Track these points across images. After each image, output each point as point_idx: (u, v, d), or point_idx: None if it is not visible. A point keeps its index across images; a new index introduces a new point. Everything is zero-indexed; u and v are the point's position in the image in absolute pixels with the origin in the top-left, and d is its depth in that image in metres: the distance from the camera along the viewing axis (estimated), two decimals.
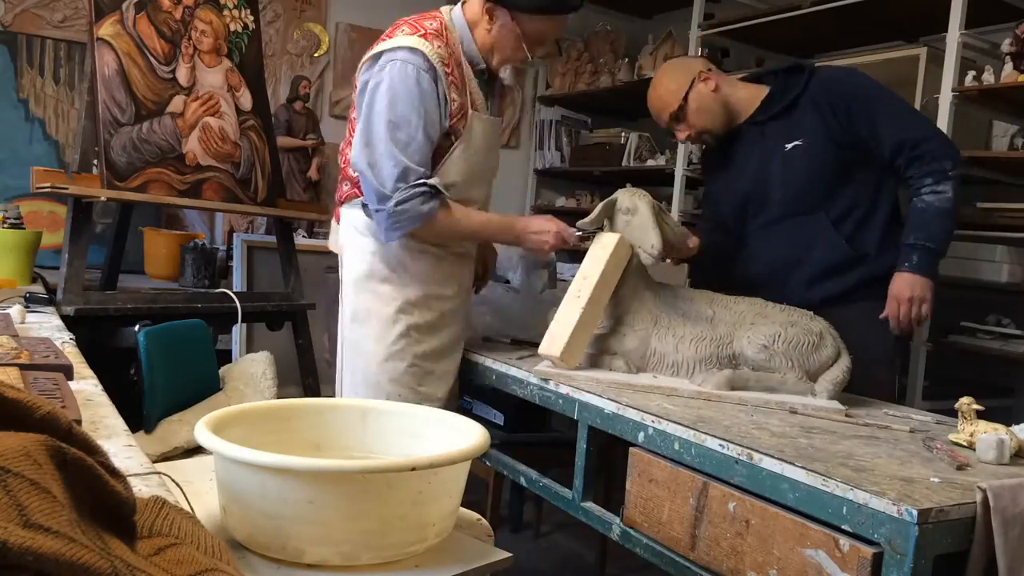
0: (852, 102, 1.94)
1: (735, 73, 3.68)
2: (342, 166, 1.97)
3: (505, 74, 1.94)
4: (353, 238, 1.93)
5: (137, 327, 1.93)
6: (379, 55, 1.79)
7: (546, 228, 1.89)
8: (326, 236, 4.02)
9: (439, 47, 1.80)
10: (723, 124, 2.07)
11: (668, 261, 2.05)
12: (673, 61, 2.19)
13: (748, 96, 2.07)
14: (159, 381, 1.90)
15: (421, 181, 1.75)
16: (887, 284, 1.89)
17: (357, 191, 1.90)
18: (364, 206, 1.87)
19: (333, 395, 2.05)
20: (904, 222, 1.94)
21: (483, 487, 2.59)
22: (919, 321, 1.87)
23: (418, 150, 1.76)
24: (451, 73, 1.82)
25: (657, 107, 2.09)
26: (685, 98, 2.02)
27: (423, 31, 1.80)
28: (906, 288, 1.84)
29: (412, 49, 1.77)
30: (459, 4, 1.92)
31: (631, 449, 1.47)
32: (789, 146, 1.98)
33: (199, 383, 2.07)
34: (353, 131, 1.88)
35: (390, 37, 1.82)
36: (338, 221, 2.01)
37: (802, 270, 1.99)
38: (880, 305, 1.89)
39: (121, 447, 1.08)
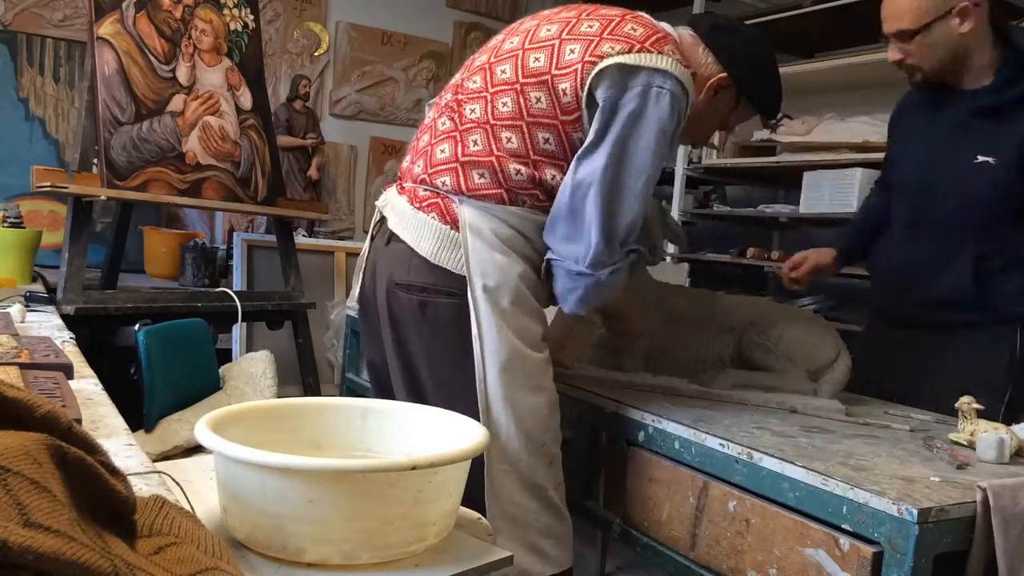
0: None
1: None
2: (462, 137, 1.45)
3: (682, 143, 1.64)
4: (488, 253, 1.41)
5: (137, 326, 1.93)
6: (638, 69, 1.34)
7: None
8: (326, 235, 4.02)
9: (687, 78, 1.40)
10: (943, 73, 1.72)
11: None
12: None
13: (986, 63, 1.70)
14: (159, 380, 1.90)
15: (634, 246, 1.44)
16: (1008, 321, 1.72)
17: (502, 193, 1.41)
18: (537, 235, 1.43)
19: (333, 395, 2.04)
20: None
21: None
22: None
23: (634, 222, 1.40)
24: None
25: (891, 10, 1.69)
26: (928, 25, 1.64)
27: (681, 57, 1.40)
28: None
29: (683, 86, 1.37)
30: (679, 30, 1.50)
31: (631, 448, 1.47)
32: (979, 159, 1.68)
33: (199, 382, 2.07)
34: (484, 94, 1.44)
35: (640, 41, 1.36)
36: (447, 219, 1.43)
37: (918, 293, 1.79)
38: (995, 332, 1.72)
39: (121, 446, 1.08)
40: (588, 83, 1.35)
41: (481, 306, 1.41)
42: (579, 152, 1.38)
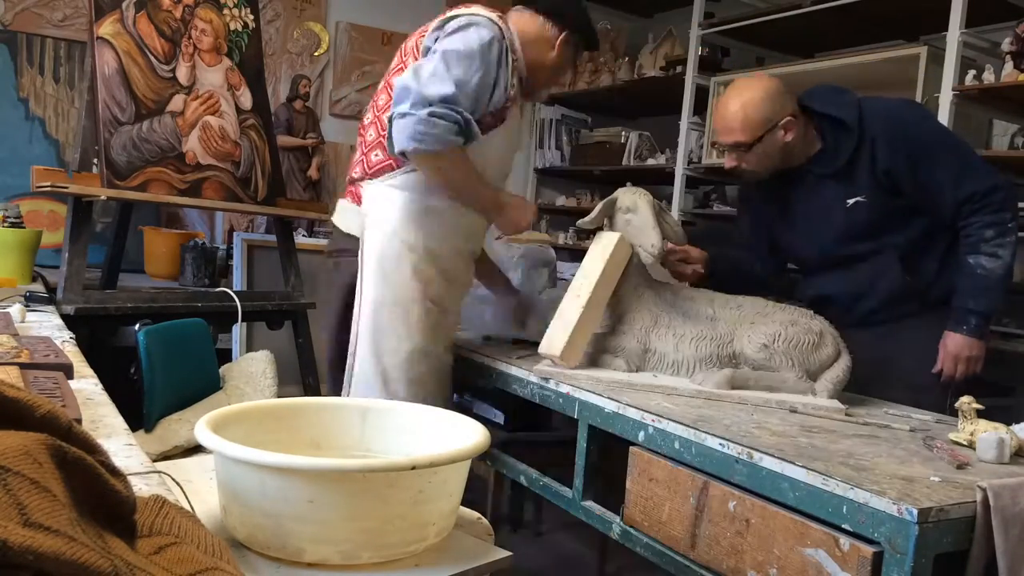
0: (914, 154, 1.84)
1: (741, 72, 3.71)
2: (364, 139, 1.95)
3: (542, 96, 2.02)
4: (383, 210, 1.85)
5: (137, 326, 1.92)
6: (455, 16, 1.79)
7: (522, 206, 1.94)
8: (326, 235, 4.02)
9: (509, 33, 1.83)
10: (774, 170, 1.96)
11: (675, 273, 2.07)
12: (768, 84, 1.90)
13: (806, 143, 1.94)
14: (159, 380, 1.90)
15: (461, 111, 1.69)
16: (944, 308, 1.89)
17: (393, 163, 1.85)
18: (392, 167, 1.86)
19: (333, 394, 2.04)
20: (957, 269, 1.88)
21: (483, 487, 2.59)
22: (974, 374, 1.89)
23: (469, 95, 1.72)
24: (516, 60, 1.85)
25: (724, 125, 1.92)
26: (760, 139, 1.88)
27: (499, 14, 1.83)
28: (964, 349, 1.85)
29: (491, 21, 1.78)
30: (512, 11, 1.93)
31: (631, 448, 1.47)
32: (851, 202, 1.91)
33: (199, 382, 2.07)
34: (378, 103, 1.92)
35: (465, 6, 1.83)
36: (357, 200, 1.92)
37: (867, 301, 1.97)
38: (935, 325, 1.90)
39: (121, 446, 1.08)
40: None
41: (364, 261, 1.85)
42: None
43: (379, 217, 1.86)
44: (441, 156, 1.71)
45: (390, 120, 1.71)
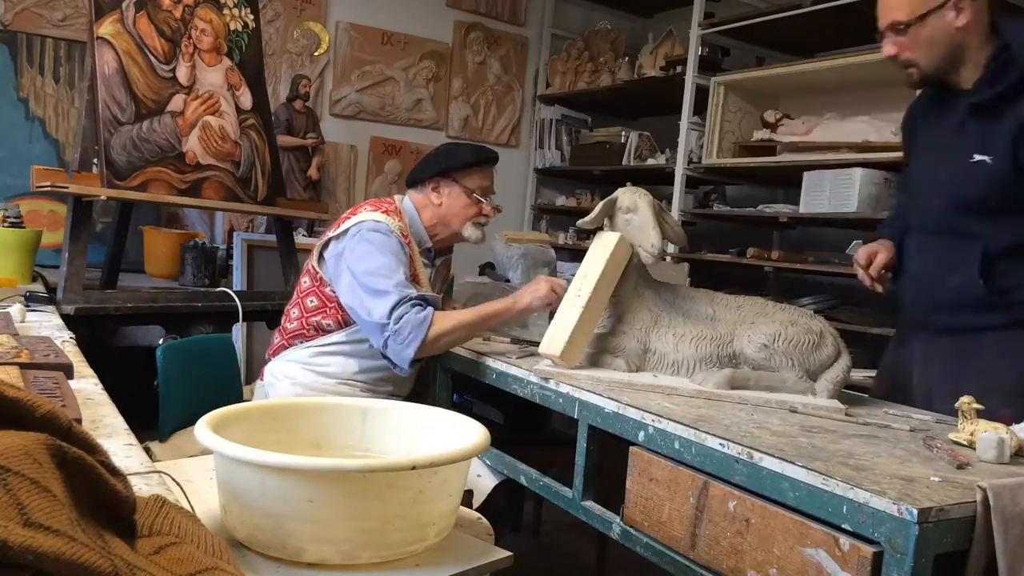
0: None
1: (741, 71, 3.72)
2: (283, 322, 2.10)
3: (468, 232, 2.11)
4: (284, 391, 2.01)
5: (161, 341, 1.96)
6: (347, 230, 1.96)
7: (540, 290, 1.94)
8: None
9: (399, 223, 2.01)
10: (940, 70, 1.69)
11: None
12: None
13: (980, 59, 1.66)
14: (175, 394, 1.93)
15: (406, 296, 1.85)
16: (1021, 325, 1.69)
17: (286, 343, 2.06)
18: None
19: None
20: None
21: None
22: None
23: (399, 283, 1.87)
24: (409, 245, 2.02)
25: (886, 3, 1.68)
26: (922, 17, 1.61)
27: (384, 208, 2.02)
28: None
29: (376, 221, 1.97)
30: (405, 196, 2.14)
31: (631, 448, 1.47)
32: (976, 158, 1.65)
33: (219, 397, 2.08)
34: (303, 295, 2.06)
35: (353, 215, 2.00)
36: (262, 379, 2.09)
37: (932, 298, 1.77)
38: (1009, 342, 1.69)
39: (121, 446, 1.08)
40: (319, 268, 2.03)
41: None
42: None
43: None
44: (434, 332, 1.85)
45: (385, 356, 1.90)
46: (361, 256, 1.91)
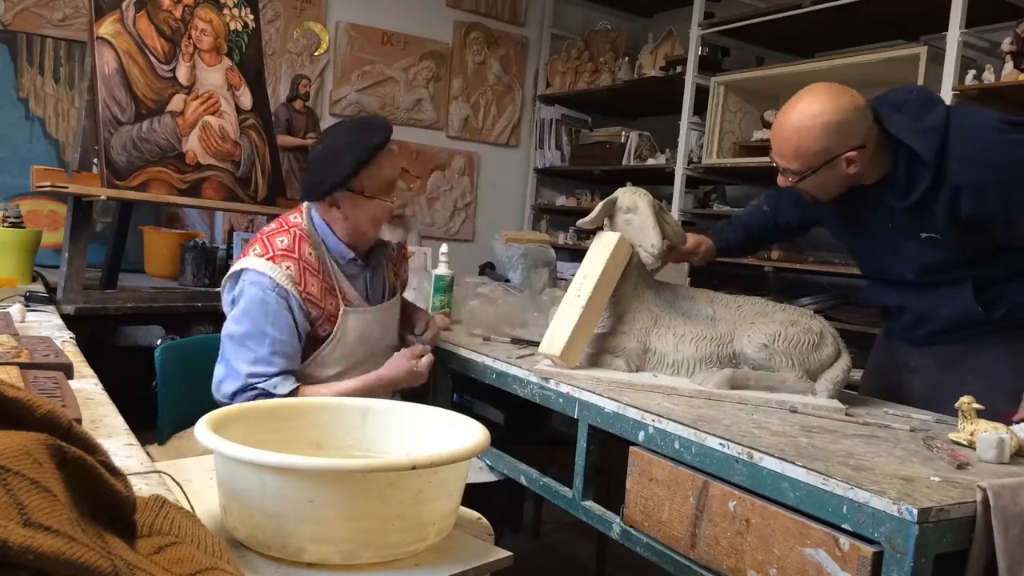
0: (1014, 202, 1.57)
1: (741, 71, 3.71)
2: None
3: (387, 234, 1.93)
4: None
5: (159, 341, 1.95)
6: (236, 275, 1.84)
7: (408, 367, 1.86)
8: None
9: (288, 267, 1.80)
10: (834, 196, 1.73)
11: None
12: (834, 109, 1.60)
13: (878, 164, 1.67)
14: (174, 396, 1.93)
15: (252, 385, 1.74)
16: (1019, 332, 1.73)
17: None
18: None
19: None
20: None
21: (483, 486, 2.59)
22: None
23: (262, 360, 1.75)
24: (306, 288, 1.81)
25: (776, 145, 1.68)
26: (816, 170, 1.63)
27: (272, 252, 1.81)
28: None
29: (258, 272, 1.79)
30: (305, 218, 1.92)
31: (631, 448, 1.47)
32: (924, 236, 1.68)
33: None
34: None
35: (245, 254, 1.85)
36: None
37: (928, 324, 1.79)
38: (1009, 350, 1.72)
39: (121, 446, 1.08)
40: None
41: None
42: None
43: None
44: None
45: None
46: (234, 315, 1.81)
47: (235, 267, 1.85)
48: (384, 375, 1.87)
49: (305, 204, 1.93)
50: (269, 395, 1.73)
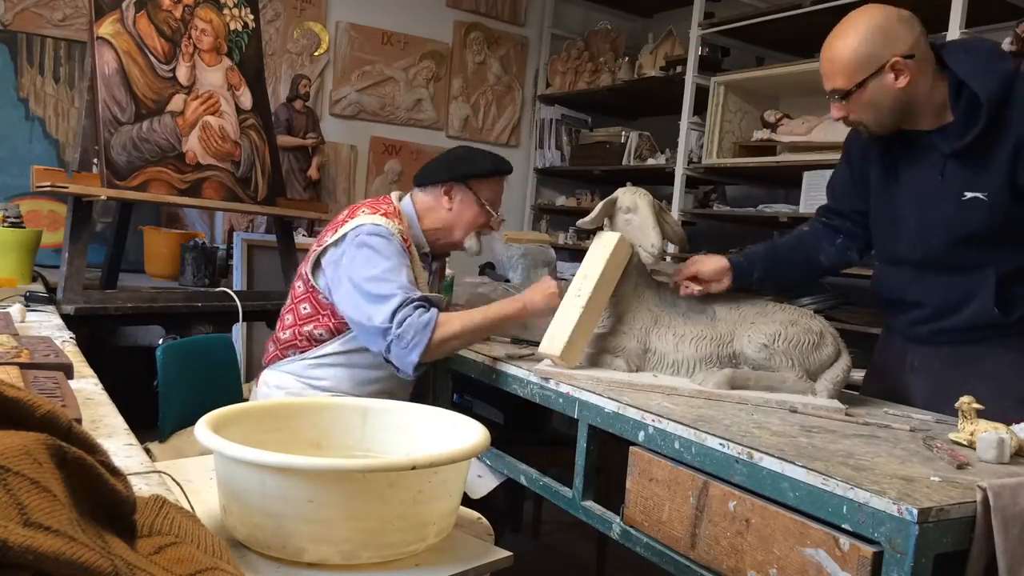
0: None
1: (741, 71, 3.71)
2: (277, 328, 2.05)
3: (471, 242, 2.05)
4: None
5: (159, 341, 1.95)
6: (344, 235, 1.89)
7: (551, 287, 1.89)
8: None
9: (397, 225, 1.93)
10: (891, 125, 1.66)
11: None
12: (879, 15, 1.59)
13: (936, 106, 1.63)
14: (175, 395, 1.93)
15: (409, 299, 1.78)
16: None
17: (280, 353, 2.00)
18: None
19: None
20: None
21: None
22: None
23: (403, 285, 1.81)
24: (408, 249, 1.94)
25: (825, 67, 1.65)
26: (862, 84, 1.59)
27: (383, 211, 1.94)
28: None
29: (375, 224, 1.89)
30: (408, 195, 2.06)
31: (631, 448, 1.47)
32: (968, 195, 1.61)
33: (219, 397, 2.09)
34: (297, 300, 1.99)
35: (351, 218, 1.92)
36: (257, 384, 2.04)
37: (947, 321, 1.72)
38: (1022, 345, 1.69)
39: (121, 446, 1.08)
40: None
41: None
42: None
43: None
44: (437, 333, 1.78)
45: (388, 361, 1.84)
46: (362, 262, 1.84)
47: (346, 228, 1.89)
48: (527, 301, 1.89)
49: (395, 193, 2.06)
50: (427, 306, 1.79)
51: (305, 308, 1.98)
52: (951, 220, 1.64)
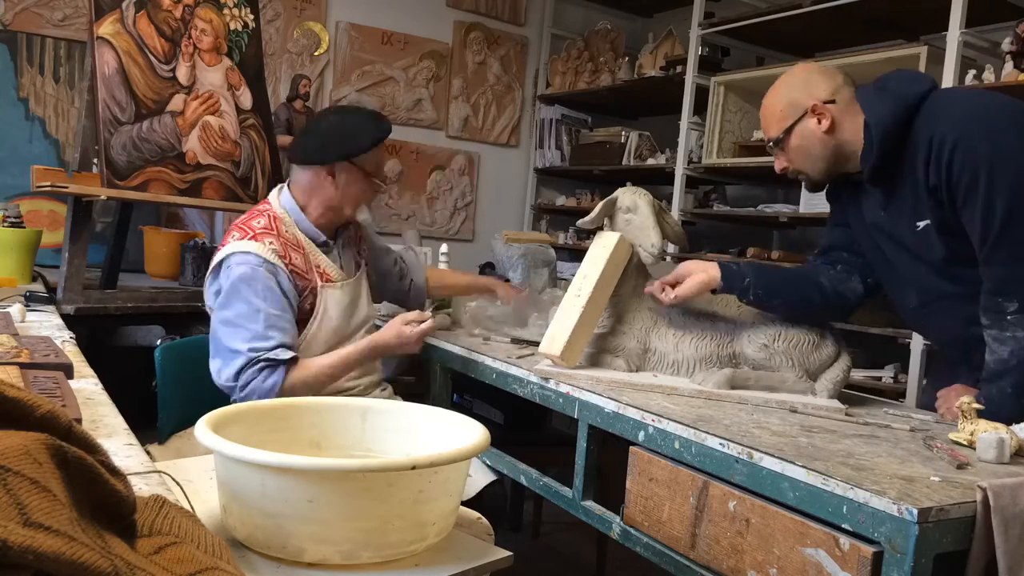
0: (971, 180, 1.47)
1: (741, 71, 3.72)
2: None
3: (363, 215, 1.99)
4: None
5: (158, 342, 1.95)
6: (219, 264, 1.84)
7: (399, 331, 1.86)
8: None
9: (271, 243, 1.84)
10: (826, 170, 1.69)
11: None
12: (803, 69, 1.73)
13: (857, 151, 1.64)
14: (174, 395, 1.93)
15: (254, 359, 1.74)
16: None
17: None
18: None
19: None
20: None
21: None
22: None
23: (254, 336, 1.75)
24: (291, 261, 1.86)
25: (762, 123, 1.75)
26: (789, 130, 1.66)
27: (252, 232, 1.85)
28: None
29: (244, 252, 1.81)
30: (283, 188, 1.98)
31: (631, 448, 1.47)
32: (920, 225, 1.58)
33: (219, 397, 2.08)
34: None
35: (223, 244, 1.87)
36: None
37: (968, 343, 1.62)
38: None
39: (121, 446, 1.08)
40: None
41: None
42: None
43: None
44: (286, 392, 1.73)
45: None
46: (221, 302, 1.80)
47: (217, 257, 1.85)
48: (376, 338, 1.89)
49: (274, 191, 1.98)
50: (273, 366, 1.74)
51: None
52: (922, 248, 1.61)
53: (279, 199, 1.96)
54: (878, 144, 1.57)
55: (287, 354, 1.77)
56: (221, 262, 1.84)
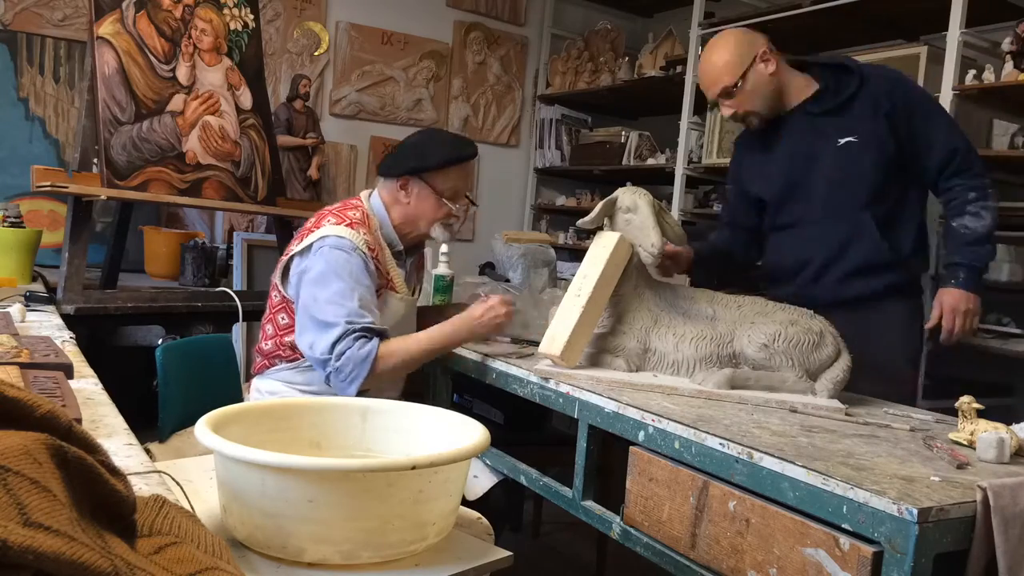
0: (913, 106, 1.97)
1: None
2: (260, 339, 2.03)
3: (436, 232, 2.02)
4: None
5: (160, 341, 1.95)
6: (310, 246, 1.87)
7: (492, 309, 1.90)
8: None
9: (364, 234, 1.90)
10: (772, 108, 2.06)
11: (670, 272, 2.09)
12: (733, 31, 2.10)
13: (800, 85, 2.06)
14: (175, 395, 1.93)
15: (350, 330, 1.77)
16: (916, 287, 2.05)
17: (267, 363, 1.98)
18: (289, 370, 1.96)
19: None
20: (943, 235, 2.02)
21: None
22: (973, 332, 1.96)
23: (350, 312, 1.79)
24: (376, 257, 1.92)
25: (709, 79, 2.05)
26: (743, 76, 2.00)
27: (348, 220, 1.90)
28: (960, 302, 1.90)
29: (339, 237, 1.86)
30: (374, 191, 2.04)
31: (631, 448, 1.47)
32: (842, 141, 1.98)
33: (219, 397, 2.09)
34: (275, 311, 1.98)
35: (316, 228, 1.90)
36: (248, 393, 2.03)
37: (837, 267, 2.01)
38: (908, 306, 2.02)
39: (121, 446, 1.08)
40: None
41: None
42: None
43: None
44: (378, 364, 1.78)
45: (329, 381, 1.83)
46: (316, 279, 1.83)
47: (310, 238, 1.88)
48: (466, 316, 1.91)
49: (365, 192, 2.04)
50: (368, 336, 1.78)
51: (283, 319, 1.96)
52: (829, 163, 2.00)
53: (369, 200, 2.01)
54: (859, 83, 1.98)
55: (381, 328, 1.83)
56: (313, 243, 1.87)
